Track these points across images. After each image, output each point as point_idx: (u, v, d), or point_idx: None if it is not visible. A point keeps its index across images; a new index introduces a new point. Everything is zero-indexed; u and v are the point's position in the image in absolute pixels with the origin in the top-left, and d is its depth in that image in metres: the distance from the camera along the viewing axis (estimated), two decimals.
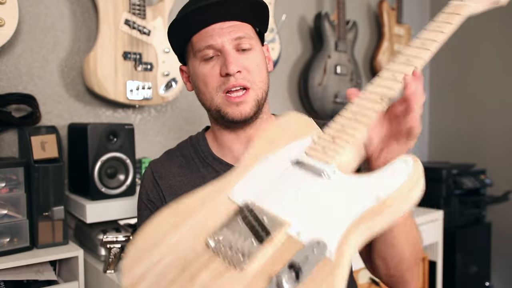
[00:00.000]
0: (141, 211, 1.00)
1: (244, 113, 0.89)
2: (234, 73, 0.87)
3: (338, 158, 0.69)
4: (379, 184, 0.63)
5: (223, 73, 0.87)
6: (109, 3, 1.61)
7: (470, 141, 2.84)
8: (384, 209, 0.59)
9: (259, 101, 0.91)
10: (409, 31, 2.79)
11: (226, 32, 0.88)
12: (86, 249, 1.49)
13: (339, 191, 0.65)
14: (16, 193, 1.33)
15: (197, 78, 0.92)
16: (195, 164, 0.98)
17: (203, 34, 0.88)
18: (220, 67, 0.88)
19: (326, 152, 0.70)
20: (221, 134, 0.96)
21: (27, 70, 1.60)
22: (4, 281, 1.30)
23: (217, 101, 0.90)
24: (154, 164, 1.02)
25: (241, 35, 0.89)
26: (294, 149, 0.76)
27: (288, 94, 2.36)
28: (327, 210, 0.63)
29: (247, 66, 0.89)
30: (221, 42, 0.87)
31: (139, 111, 1.85)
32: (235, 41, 0.88)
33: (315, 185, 0.67)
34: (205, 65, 0.90)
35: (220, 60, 0.88)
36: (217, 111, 0.91)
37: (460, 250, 2.36)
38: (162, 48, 1.73)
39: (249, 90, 0.89)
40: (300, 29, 2.42)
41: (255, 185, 0.71)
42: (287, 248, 0.60)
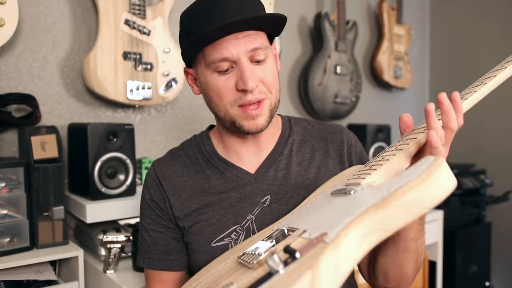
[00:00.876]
0: (144, 211, 1.00)
1: (260, 125, 0.88)
2: (253, 90, 0.84)
3: (368, 178, 0.71)
4: (395, 181, 0.62)
5: (239, 88, 0.84)
6: (109, 3, 1.61)
7: (470, 141, 2.83)
8: (392, 200, 0.57)
9: (272, 110, 0.90)
10: (409, 31, 2.79)
11: (241, 43, 0.83)
12: (86, 249, 1.49)
13: (358, 198, 0.66)
14: (16, 193, 1.33)
15: (209, 89, 0.88)
16: (200, 165, 0.98)
17: (217, 45, 0.83)
18: (235, 80, 0.85)
19: (360, 177, 0.73)
20: (228, 138, 0.96)
21: (27, 70, 1.60)
22: (4, 281, 1.30)
23: (232, 114, 0.87)
24: (157, 164, 1.01)
25: (256, 46, 0.85)
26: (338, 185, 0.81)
27: (288, 94, 2.36)
28: (340, 212, 0.65)
29: (263, 78, 0.86)
30: (237, 55, 0.83)
31: (139, 111, 1.85)
32: (250, 52, 0.84)
33: (340, 201, 0.70)
34: (219, 77, 0.86)
35: (236, 73, 0.85)
36: (231, 122, 0.89)
37: (460, 250, 2.36)
38: (162, 48, 1.73)
39: (264, 101, 0.87)
40: (300, 29, 2.42)
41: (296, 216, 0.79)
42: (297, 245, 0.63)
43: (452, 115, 0.72)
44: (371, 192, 0.66)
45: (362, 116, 2.63)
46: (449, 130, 0.73)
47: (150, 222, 0.98)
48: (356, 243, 0.55)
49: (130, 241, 1.36)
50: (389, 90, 2.83)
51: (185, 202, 0.95)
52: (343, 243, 0.54)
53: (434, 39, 3.11)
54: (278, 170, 0.95)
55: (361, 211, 0.59)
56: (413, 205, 0.57)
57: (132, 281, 1.30)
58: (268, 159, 0.96)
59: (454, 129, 0.73)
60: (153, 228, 0.97)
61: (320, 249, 0.55)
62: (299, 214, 0.79)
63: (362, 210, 0.59)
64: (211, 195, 0.94)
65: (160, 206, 0.97)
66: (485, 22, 2.77)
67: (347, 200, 0.68)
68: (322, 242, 0.57)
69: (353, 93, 2.44)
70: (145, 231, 0.98)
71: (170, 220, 0.96)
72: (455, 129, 0.73)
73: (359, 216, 0.58)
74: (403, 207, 0.57)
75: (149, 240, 0.97)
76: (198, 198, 0.94)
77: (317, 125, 1.04)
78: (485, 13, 2.77)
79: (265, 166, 0.95)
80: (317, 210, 0.73)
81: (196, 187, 0.95)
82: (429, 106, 0.71)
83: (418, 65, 3.02)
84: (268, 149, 0.97)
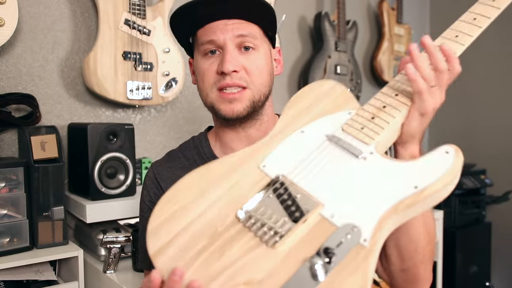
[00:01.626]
0: (144, 213, 0.99)
1: (236, 111, 0.88)
2: (230, 72, 0.86)
3: (376, 138, 0.67)
4: (419, 173, 0.62)
5: (218, 71, 0.87)
6: (109, 3, 1.61)
7: (470, 141, 2.83)
8: (421, 199, 0.58)
9: (255, 103, 0.89)
10: (409, 31, 2.79)
11: (229, 29, 0.87)
12: (86, 249, 1.49)
13: (375, 175, 0.63)
14: (16, 193, 1.33)
15: (198, 73, 0.92)
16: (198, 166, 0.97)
17: (207, 29, 0.88)
18: (217, 64, 0.88)
19: (364, 131, 0.68)
20: (223, 132, 0.96)
21: (27, 70, 1.60)
22: (4, 281, 1.30)
23: (211, 97, 0.90)
24: (156, 166, 1.01)
25: (244, 33, 0.87)
26: (330, 122, 0.72)
27: (288, 94, 2.36)
28: (362, 193, 0.62)
29: (247, 66, 0.88)
30: (223, 39, 0.87)
31: (139, 111, 1.85)
32: (238, 38, 0.87)
33: (351, 165, 0.65)
34: (205, 60, 0.89)
35: (220, 58, 0.88)
36: (211, 107, 0.91)
37: (460, 250, 2.36)
38: (162, 48, 1.73)
39: (245, 90, 0.88)
40: (300, 29, 2.41)
41: (288, 158, 0.69)
42: (319, 230, 0.59)
43: (438, 55, 0.69)
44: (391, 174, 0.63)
45: None
46: (439, 72, 0.70)
47: None
48: (383, 241, 0.57)
49: (130, 241, 1.36)
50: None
51: None
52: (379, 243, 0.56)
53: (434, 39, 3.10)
54: None
55: (390, 207, 0.58)
56: (431, 203, 0.61)
57: (132, 281, 1.30)
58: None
59: (442, 69, 0.69)
60: None
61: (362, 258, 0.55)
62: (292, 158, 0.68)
63: (391, 206, 0.59)
64: None
65: None
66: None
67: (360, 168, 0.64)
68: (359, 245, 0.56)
69: (353, 93, 2.43)
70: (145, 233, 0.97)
71: None
72: (444, 69, 0.69)
73: (388, 213, 0.58)
74: (426, 202, 0.60)
75: None
76: None
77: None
78: None
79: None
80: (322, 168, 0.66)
81: None
82: (412, 46, 0.69)
83: None
84: None
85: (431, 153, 0.63)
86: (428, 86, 0.69)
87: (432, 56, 0.69)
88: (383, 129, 0.67)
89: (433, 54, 0.69)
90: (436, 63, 0.69)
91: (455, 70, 0.71)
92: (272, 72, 0.94)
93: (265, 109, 0.94)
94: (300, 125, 0.74)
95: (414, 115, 0.70)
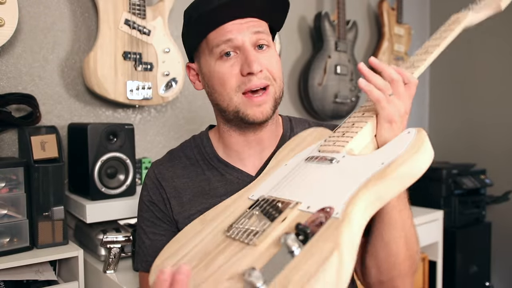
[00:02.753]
0: (143, 213, 0.98)
1: (265, 113, 0.87)
2: (257, 73, 0.84)
3: (347, 145, 0.73)
4: (384, 153, 0.68)
5: (244, 72, 0.84)
6: (109, 3, 1.61)
7: (470, 141, 2.84)
8: (389, 172, 0.62)
9: (276, 100, 0.89)
10: (409, 31, 2.79)
11: (245, 27, 0.84)
12: (86, 249, 1.49)
13: (349, 169, 0.68)
14: (16, 193, 1.33)
15: (212, 78, 0.88)
16: (200, 166, 0.96)
17: (221, 30, 0.84)
18: (240, 65, 0.84)
19: (336, 144, 0.75)
20: (230, 137, 0.94)
21: (27, 70, 1.60)
22: (4, 281, 1.30)
23: (236, 102, 0.86)
24: (156, 166, 1.00)
25: (260, 29, 0.86)
26: (309, 150, 0.81)
27: (288, 94, 2.36)
28: (336, 184, 0.66)
29: (267, 64, 0.86)
30: (241, 39, 0.84)
31: (139, 111, 1.85)
32: (254, 35, 0.85)
33: (326, 170, 0.71)
34: (223, 63, 0.85)
35: (240, 59, 0.85)
36: (235, 112, 0.87)
37: (460, 250, 2.36)
38: (162, 48, 1.73)
39: (268, 88, 0.87)
40: (300, 29, 2.42)
41: (272, 184, 0.77)
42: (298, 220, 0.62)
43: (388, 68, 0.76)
44: (361, 163, 0.68)
45: None
46: (394, 82, 0.76)
47: (149, 225, 0.97)
48: (360, 216, 0.59)
49: (130, 241, 1.36)
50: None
51: (185, 204, 0.93)
52: (353, 217, 0.57)
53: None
54: None
55: (361, 183, 0.62)
56: (405, 176, 0.63)
57: (132, 281, 1.30)
58: (268, 160, 0.94)
59: (395, 78, 0.76)
60: (153, 231, 0.96)
61: (334, 227, 0.56)
62: (275, 182, 0.77)
63: (362, 182, 0.62)
64: (212, 198, 0.92)
65: (160, 208, 0.96)
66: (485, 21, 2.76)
67: (333, 169, 0.70)
68: (332, 218, 0.58)
69: (353, 93, 2.44)
70: (144, 234, 0.97)
71: (171, 222, 0.95)
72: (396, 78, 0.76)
73: (361, 188, 0.61)
74: (398, 178, 0.62)
75: (148, 243, 0.96)
76: (198, 201, 0.93)
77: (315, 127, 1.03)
78: None
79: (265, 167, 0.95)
80: (300, 179, 0.73)
81: (197, 189, 0.94)
82: (359, 65, 0.77)
83: None
84: (269, 149, 0.96)
85: (397, 136, 0.71)
86: (386, 95, 0.75)
87: (382, 70, 0.77)
88: (352, 138, 0.74)
89: (382, 68, 0.77)
90: (387, 74, 0.76)
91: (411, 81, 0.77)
92: None
93: None
94: (285, 161, 0.84)
95: (382, 123, 0.75)
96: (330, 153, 0.74)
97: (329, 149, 0.76)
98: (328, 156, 0.73)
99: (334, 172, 0.69)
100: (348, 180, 0.64)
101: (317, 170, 0.72)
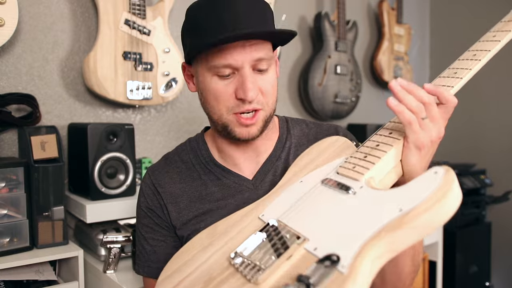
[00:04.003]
0: (141, 219, 0.98)
1: (251, 134, 0.87)
2: (252, 100, 0.83)
3: (367, 174, 0.67)
4: (405, 196, 0.59)
5: (238, 97, 0.83)
6: (109, 3, 1.61)
7: (470, 141, 2.83)
8: (407, 222, 0.55)
9: (266, 121, 0.88)
10: (409, 31, 2.79)
11: (247, 51, 0.81)
12: (86, 249, 1.49)
13: (364, 205, 0.63)
14: (16, 193, 1.33)
15: (207, 90, 0.87)
16: (196, 171, 0.96)
17: (222, 51, 0.81)
18: (235, 87, 0.83)
19: (355, 169, 0.70)
20: (222, 142, 0.94)
21: (27, 70, 1.60)
22: (4, 281, 1.30)
23: (226, 119, 0.86)
24: (152, 171, 0.99)
25: (262, 56, 0.83)
26: (327, 169, 0.76)
27: (288, 94, 2.36)
28: (348, 224, 0.61)
29: (263, 88, 0.85)
30: (242, 63, 0.82)
31: (139, 111, 1.85)
32: (255, 61, 0.83)
33: (340, 201, 0.66)
34: (219, 81, 0.84)
35: (237, 80, 0.83)
36: (224, 127, 0.87)
37: (460, 250, 2.36)
38: (162, 48, 1.73)
39: (258, 113, 0.86)
40: (300, 29, 2.41)
41: (283, 204, 0.73)
42: (302, 263, 0.60)
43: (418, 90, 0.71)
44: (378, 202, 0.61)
45: (362, 116, 2.63)
46: (427, 105, 0.70)
47: (148, 231, 0.97)
48: (367, 272, 0.54)
49: (130, 241, 1.36)
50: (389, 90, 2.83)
51: (182, 210, 0.93)
52: (359, 274, 0.53)
53: (434, 39, 3.11)
54: (276, 176, 0.93)
55: (373, 233, 0.56)
56: (425, 227, 0.56)
57: (132, 281, 1.30)
58: (265, 164, 0.94)
59: (428, 101, 0.70)
60: (152, 237, 0.96)
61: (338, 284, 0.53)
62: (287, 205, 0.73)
63: (374, 232, 0.56)
64: (209, 203, 0.92)
65: (158, 214, 0.95)
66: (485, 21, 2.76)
67: (348, 202, 0.65)
68: (337, 272, 0.54)
69: (353, 93, 2.44)
70: (144, 239, 0.97)
71: (169, 228, 0.95)
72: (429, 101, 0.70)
73: (372, 239, 0.55)
74: (415, 228, 0.55)
75: (148, 249, 0.96)
76: (195, 206, 0.93)
77: (314, 128, 1.02)
78: (485, 12, 2.77)
79: (262, 171, 0.94)
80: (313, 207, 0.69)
81: (194, 194, 0.94)
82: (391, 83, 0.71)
83: (418, 65, 3.02)
84: (266, 154, 0.95)
85: (420, 176, 0.61)
86: (418, 118, 0.69)
87: (413, 92, 0.71)
88: (374, 164, 0.68)
89: (413, 90, 0.71)
90: (419, 97, 0.70)
91: (449, 102, 0.72)
92: (277, 84, 0.92)
93: None
94: (300, 176, 0.80)
95: (410, 149, 0.70)
96: (348, 179, 0.69)
97: (348, 173, 0.70)
98: (346, 183, 0.68)
99: (348, 207, 0.64)
100: (361, 224, 0.59)
101: (331, 200, 0.68)
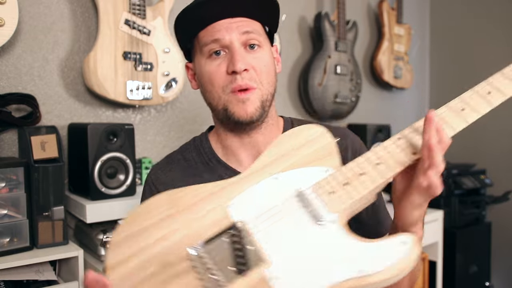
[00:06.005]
0: None
1: (249, 112, 0.85)
2: (241, 72, 0.83)
3: (342, 207, 0.66)
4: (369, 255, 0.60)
5: (229, 71, 0.84)
6: (109, 3, 1.61)
7: (470, 141, 2.83)
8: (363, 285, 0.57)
9: (263, 102, 0.87)
10: (409, 31, 2.79)
11: (234, 27, 0.85)
12: (86, 249, 1.49)
13: (327, 247, 0.63)
14: (16, 193, 1.33)
15: (203, 76, 0.88)
16: (198, 169, 0.95)
17: (210, 29, 0.85)
18: (227, 64, 0.85)
19: (332, 197, 0.67)
20: (226, 137, 0.93)
21: (27, 70, 1.60)
22: (4, 281, 1.30)
23: (224, 99, 0.86)
24: (154, 171, 0.99)
25: (249, 29, 0.85)
26: (304, 176, 0.72)
27: (288, 94, 2.36)
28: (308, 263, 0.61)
29: (255, 65, 0.86)
30: (229, 38, 0.84)
31: (139, 111, 1.85)
32: (243, 35, 0.85)
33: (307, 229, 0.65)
34: (212, 62, 0.86)
35: (227, 58, 0.85)
36: (224, 110, 0.87)
37: (460, 250, 2.36)
38: (162, 48, 1.73)
39: (255, 89, 0.86)
40: (300, 29, 2.42)
41: (254, 204, 0.69)
42: None
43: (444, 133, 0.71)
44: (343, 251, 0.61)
45: (362, 116, 2.63)
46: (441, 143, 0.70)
47: None
48: None
49: None
50: (389, 90, 2.83)
51: None
52: None
53: (434, 39, 3.11)
54: None
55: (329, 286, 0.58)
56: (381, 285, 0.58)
57: None
58: None
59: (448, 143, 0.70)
60: None
61: None
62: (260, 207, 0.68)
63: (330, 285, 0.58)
64: None
65: None
66: (485, 21, 2.77)
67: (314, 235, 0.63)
68: None
69: (353, 93, 2.44)
70: None
71: None
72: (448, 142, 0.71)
73: None
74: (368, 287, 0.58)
75: None
76: None
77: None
78: (485, 12, 2.77)
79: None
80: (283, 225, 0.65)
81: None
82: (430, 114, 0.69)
83: (418, 65, 3.02)
84: None
85: (389, 239, 0.62)
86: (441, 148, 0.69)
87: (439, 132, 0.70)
88: (352, 199, 0.66)
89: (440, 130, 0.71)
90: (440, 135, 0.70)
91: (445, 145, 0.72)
92: (275, 70, 0.93)
93: (270, 110, 0.92)
94: (276, 171, 0.73)
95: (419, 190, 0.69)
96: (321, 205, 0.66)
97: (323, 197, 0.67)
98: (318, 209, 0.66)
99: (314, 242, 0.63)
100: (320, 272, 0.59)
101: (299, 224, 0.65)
